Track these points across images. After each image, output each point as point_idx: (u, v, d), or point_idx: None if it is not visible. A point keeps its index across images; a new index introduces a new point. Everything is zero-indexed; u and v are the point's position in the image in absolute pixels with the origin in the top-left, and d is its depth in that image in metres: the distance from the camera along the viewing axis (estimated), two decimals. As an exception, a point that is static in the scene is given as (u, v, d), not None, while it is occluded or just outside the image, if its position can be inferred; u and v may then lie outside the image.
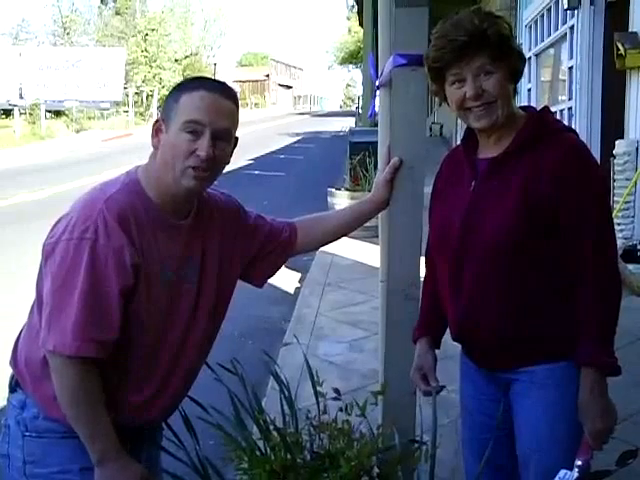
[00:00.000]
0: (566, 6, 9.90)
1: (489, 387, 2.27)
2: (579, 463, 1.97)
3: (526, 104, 2.24)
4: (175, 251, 2.08)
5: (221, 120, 2.02)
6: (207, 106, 1.99)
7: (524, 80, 11.95)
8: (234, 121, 2.08)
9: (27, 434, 2.06)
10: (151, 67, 48.16)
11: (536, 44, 12.54)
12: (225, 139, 2.04)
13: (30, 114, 33.46)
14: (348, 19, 66.32)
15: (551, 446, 2.10)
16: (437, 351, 2.39)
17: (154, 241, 2.02)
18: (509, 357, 2.14)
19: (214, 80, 2.14)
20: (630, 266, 7.05)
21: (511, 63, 2.07)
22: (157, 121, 2.05)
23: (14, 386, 2.12)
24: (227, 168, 2.14)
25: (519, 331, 2.08)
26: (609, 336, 2.00)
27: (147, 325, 2.03)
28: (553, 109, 11.20)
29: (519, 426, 2.18)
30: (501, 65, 2.04)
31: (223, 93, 2.04)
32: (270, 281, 2.50)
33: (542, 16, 12.29)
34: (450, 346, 2.34)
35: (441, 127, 28.99)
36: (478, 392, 2.33)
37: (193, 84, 2.05)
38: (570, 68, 10.37)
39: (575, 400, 2.01)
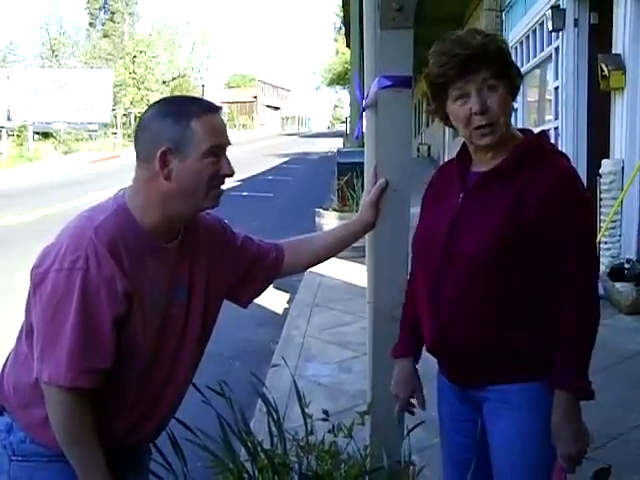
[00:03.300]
0: (551, 28, 9.99)
1: (463, 407, 2.28)
2: None
3: (513, 124, 2.26)
4: (165, 274, 2.07)
5: (228, 136, 2.06)
6: (219, 128, 2.02)
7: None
8: None
9: (14, 458, 2.04)
10: (139, 89, 48.32)
11: (522, 65, 12.63)
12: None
13: (17, 136, 33.40)
14: (335, 40, 66.75)
15: (525, 469, 2.11)
16: (427, 373, 2.40)
17: (144, 266, 2.01)
18: (483, 371, 2.14)
19: (200, 99, 2.14)
20: (617, 284, 7.07)
21: (511, 78, 2.09)
22: (164, 152, 1.95)
23: (0, 410, 2.10)
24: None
25: (495, 345, 2.09)
26: (584, 361, 2.02)
27: (141, 349, 2.02)
28: (540, 129, 11.24)
29: (493, 447, 2.18)
30: (502, 80, 2.06)
31: (218, 110, 2.06)
32: (258, 302, 2.49)
33: (527, 37, 12.40)
34: (435, 368, 2.34)
35: (429, 148, 29.09)
36: (453, 412, 2.33)
37: (191, 107, 2.01)
38: (556, 88, 10.45)
39: (547, 421, 2.02)
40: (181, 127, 1.95)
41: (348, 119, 24.57)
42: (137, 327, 1.99)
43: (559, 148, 2.23)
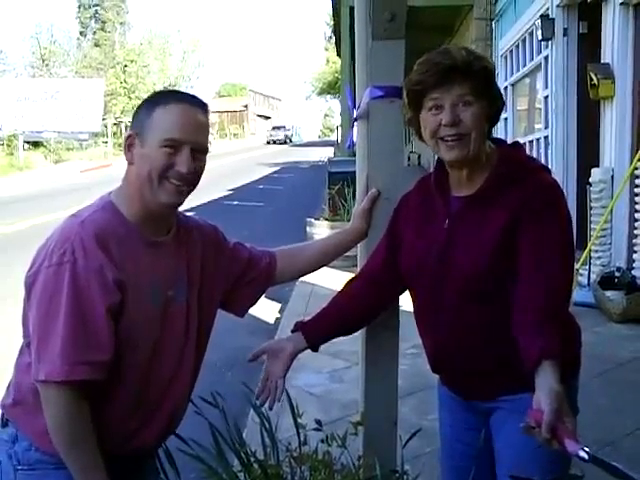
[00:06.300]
0: (540, 37, 10.06)
1: (468, 415, 2.27)
2: (586, 450, 1.70)
3: (503, 133, 2.25)
4: (161, 268, 2.07)
5: (198, 135, 2.02)
6: (183, 122, 1.98)
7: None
8: (208, 133, 2.10)
9: (19, 467, 2.02)
10: (130, 98, 48.25)
11: (512, 74, 12.70)
12: (203, 152, 2.05)
13: (8, 145, 33.34)
14: (326, 50, 66.84)
15: (534, 469, 2.06)
16: (420, 381, 2.39)
17: (137, 258, 2.00)
18: (489, 388, 2.13)
19: (184, 93, 2.12)
20: (608, 293, 7.09)
21: (490, 100, 2.07)
22: (130, 135, 2.02)
23: (4, 421, 2.08)
24: (206, 198, 2.15)
25: (496, 361, 2.08)
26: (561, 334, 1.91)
27: (139, 347, 2.01)
28: (529, 138, 11.31)
29: (499, 450, 2.16)
30: (480, 99, 2.03)
31: (195, 105, 2.03)
32: (250, 311, 2.49)
33: (517, 46, 12.46)
34: (432, 375, 2.34)
35: (419, 157, 29.06)
36: (456, 421, 2.32)
37: (165, 97, 2.04)
38: (545, 97, 10.51)
39: None
40: (147, 114, 2.00)
41: (339, 128, 24.57)
42: (135, 319, 1.98)
43: (548, 157, 2.24)
